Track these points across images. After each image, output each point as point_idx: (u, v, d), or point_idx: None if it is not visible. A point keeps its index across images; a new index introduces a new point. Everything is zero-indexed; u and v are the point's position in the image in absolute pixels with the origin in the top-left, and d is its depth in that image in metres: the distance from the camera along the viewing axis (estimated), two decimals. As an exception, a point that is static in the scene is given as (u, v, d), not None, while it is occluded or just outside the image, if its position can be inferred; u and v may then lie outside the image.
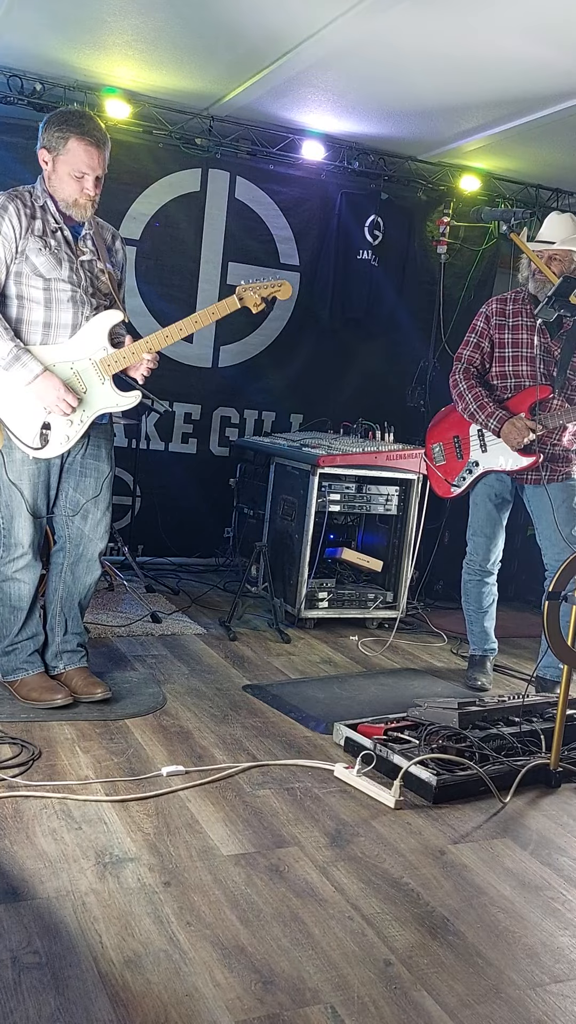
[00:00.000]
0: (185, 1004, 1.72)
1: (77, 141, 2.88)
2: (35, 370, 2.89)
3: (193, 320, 3.07)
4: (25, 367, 2.88)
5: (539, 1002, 1.85)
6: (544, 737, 3.05)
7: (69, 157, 2.89)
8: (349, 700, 3.56)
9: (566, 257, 3.62)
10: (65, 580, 3.20)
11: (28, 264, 2.91)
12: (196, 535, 5.60)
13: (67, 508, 3.16)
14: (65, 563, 3.19)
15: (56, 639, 3.22)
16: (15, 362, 2.87)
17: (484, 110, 4.64)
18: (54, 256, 2.94)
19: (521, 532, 5.33)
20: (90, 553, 3.20)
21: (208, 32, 4.04)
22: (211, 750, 2.92)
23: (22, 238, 2.89)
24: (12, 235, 2.87)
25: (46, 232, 2.94)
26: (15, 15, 4.08)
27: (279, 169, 5.54)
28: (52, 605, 3.21)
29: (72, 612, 3.22)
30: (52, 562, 3.24)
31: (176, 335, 3.06)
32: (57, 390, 2.92)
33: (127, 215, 5.21)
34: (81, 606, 3.25)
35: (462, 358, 3.91)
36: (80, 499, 3.14)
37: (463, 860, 2.39)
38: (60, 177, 2.92)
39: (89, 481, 3.15)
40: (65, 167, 2.90)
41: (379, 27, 3.76)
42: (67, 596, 3.21)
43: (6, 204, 2.88)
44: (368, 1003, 1.78)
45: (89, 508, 3.16)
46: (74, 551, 3.18)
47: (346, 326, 5.81)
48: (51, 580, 3.22)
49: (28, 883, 2.06)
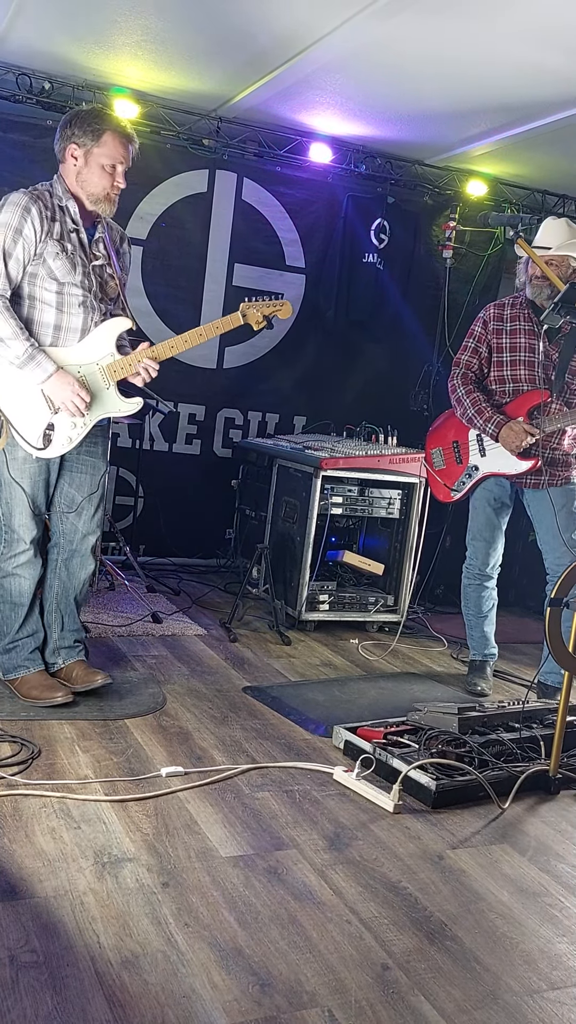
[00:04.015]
0: (182, 1005, 1.72)
1: (112, 134, 2.96)
2: (49, 369, 2.92)
3: (198, 333, 3.13)
4: (40, 366, 2.91)
5: (536, 1009, 1.84)
6: (544, 743, 3.05)
7: (105, 149, 2.95)
8: (349, 703, 3.55)
9: (563, 262, 3.62)
10: (60, 576, 3.23)
11: (44, 267, 2.93)
12: (198, 536, 5.60)
13: (63, 504, 3.18)
14: (59, 559, 3.23)
15: (53, 636, 3.24)
16: (30, 361, 2.89)
17: (491, 115, 4.64)
18: (69, 260, 2.96)
19: (522, 537, 5.33)
20: (84, 548, 3.23)
21: (217, 34, 4.04)
22: (210, 751, 2.92)
23: (41, 241, 2.91)
24: (33, 238, 2.90)
25: (64, 235, 2.97)
26: (25, 14, 4.09)
27: (286, 171, 5.55)
28: (48, 602, 3.24)
29: (68, 608, 3.24)
30: (48, 559, 3.25)
31: (181, 346, 3.12)
32: (72, 387, 2.95)
33: (134, 215, 5.22)
34: (77, 602, 3.27)
35: (460, 363, 3.92)
36: (76, 496, 3.17)
37: (461, 865, 2.39)
38: (92, 170, 2.96)
39: (85, 478, 3.18)
40: (99, 159, 2.95)
41: (387, 32, 3.77)
42: (62, 592, 3.23)
43: (29, 206, 2.89)
44: (365, 1007, 1.78)
45: (84, 505, 3.19)
46: (67, 547, 3.22)
47: (351, 329, 5.81)
48: (46, 577, 3.24)
49: (26, 882, 2.06)
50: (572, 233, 3.65)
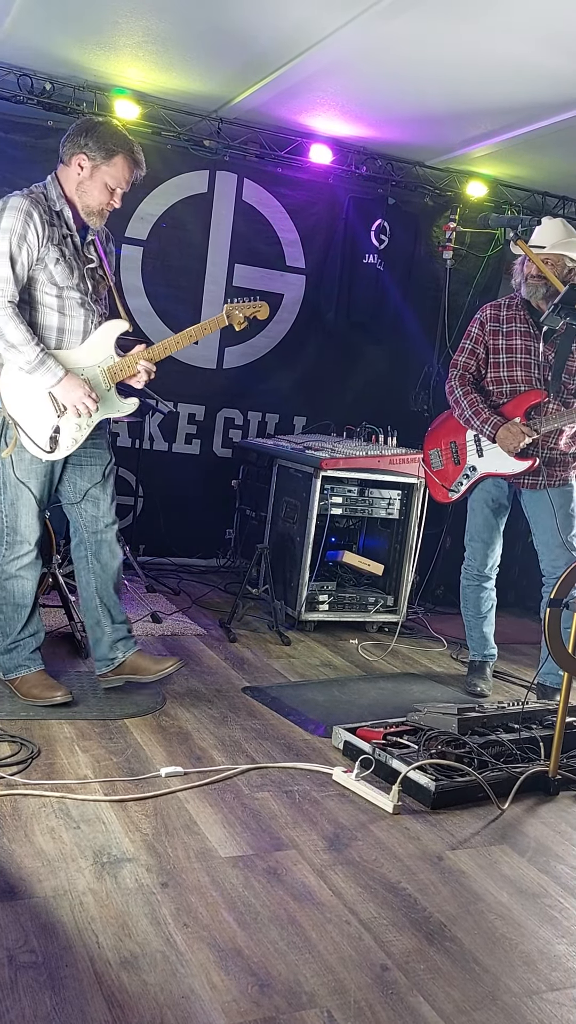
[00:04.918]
0: (181, 1006, 1.72)
1: (123, 158, 3.00)
2: (60, 373, 2.97)
3: (188, 334, 3.22)
4: (50, 370, 2.95)
5: (535, 1010, 1.84)
6: (543, 744, 3.05)
7: (114, 170, 2.99)
8: (348, 704, 3.56)
9: (558, 262, 3.63)
10: (94, 570, 3.26)
11: (45, 272, 2.97)
12: (198, 536, 5.60)
13: (72, 495, 3.22)
14: (88, 553, 3.26)
15: (106, 631, 3.27)
16: (41, 366, 2.93)
17: (492, 117, 4.64)
18: (67, 264, 3.00)
19: (522, 539, 5.32)
20: (110, 537, 3.27)
21: (218, 35, 4.05)
22: (210, 751, 2.92)
23: (43, 246, 2.94)
24: (36, 243, 2.92)
25: (61, 240, 3.00)
26: (26, 15, 4.09)
27: (287, 172, 5.55)
28: (89, 600, 3.27)
29: (111, 600, 3.28)
30: (75, 558, 3.30)
31: (173, 347, 3.20)
32: (83, 388, 3.01)
33: (134, 215, 5.23)
34: (117, 590, 3.30)
35: (457, 365, 3.92)
36: (85, 484, 3.21)
37: (461, 866, 2.39)
38: (95, 185, 3.00)
39: (94, 469, 3.23)
40: (105, 177, 2.99)
41: (388, 33, 3.77)
42: (102, 586, 3.26)
43: (30, 210, 2.91)
44: (364, 1008, 1.78)
45: (97, 494, 3.23)
46: (93, 538, 3.25)
47: (351, 329, 5.81)
48: (80, 577, 3.28)
49: (26, 882, 2.06)
50: (567, 232, 3.65)
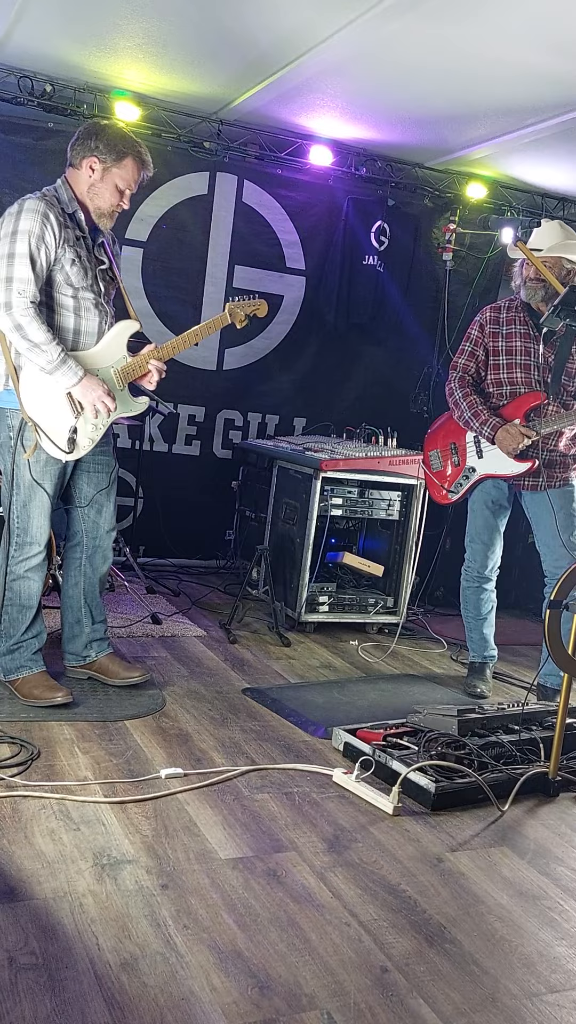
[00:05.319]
0: (181, 1008, 1.72)
1: (133, 160, 3.08)
2: (80, 373, 3.01)
3: (194, 333, 3.31)
4: (71, 371, 2.98)
5: (535, 1012, 1.85)
6: (543, 746, 3.05)
7: (124, 172, 3.06)
8: (348, 705, 3.56)
9: (556, 264, 3.63)
10: (85, 572, 3.34)
11: (62, 273, 3.00)
12: (198, 537, 5.60)
13: (78, 500, 3.29)
14: (83, 556, 3.34)
15: (85, 630, 3.37)
16: (62, 365, 2.96)
17: (492, 118, 4.64)
18: (83, 266, 3.05)
19: (522, 540, 5.33)
20: (106, 544, 3.36)
21: (218, 37, 4.05)
22: (210, 753, 2.92)
23: (60, 247, 2.97)
24: (53, 244, 2.96)
25: (76, 241, 3.04)
26: (27, 17, 4.09)
27: (287, 174, 5.55)
28: (75, 599, 3.35)
29: (95, 601, 3.38)
30: (68, 557, 3.37)
31: (181, 346, 3.29)
32: (101, 388, 3.07)
33: (135, 217, 5.22)
34: (101, 592, 3.41)
35: (457, 367, 3.93)
36: (91, 491, 3.29)
37: (461, 868, 2.39)
38: (106, 186, 3.06)
39: (101, 476, 3.30)
40: (115, 179, 3.06)
41: (388, 35, 3.77)
42: (89, 587, 3.35)
43: (47, 212, 2.94)
44: (364, 1010, 1.78)
45: (101, 500, 3.31)
46: (90, 544, 3.33)
47: (351, 331, 5.81)
48: (69, 575, 3.36)
49: (26, 883, 2.06)
50: (565, 235, 3.66)
